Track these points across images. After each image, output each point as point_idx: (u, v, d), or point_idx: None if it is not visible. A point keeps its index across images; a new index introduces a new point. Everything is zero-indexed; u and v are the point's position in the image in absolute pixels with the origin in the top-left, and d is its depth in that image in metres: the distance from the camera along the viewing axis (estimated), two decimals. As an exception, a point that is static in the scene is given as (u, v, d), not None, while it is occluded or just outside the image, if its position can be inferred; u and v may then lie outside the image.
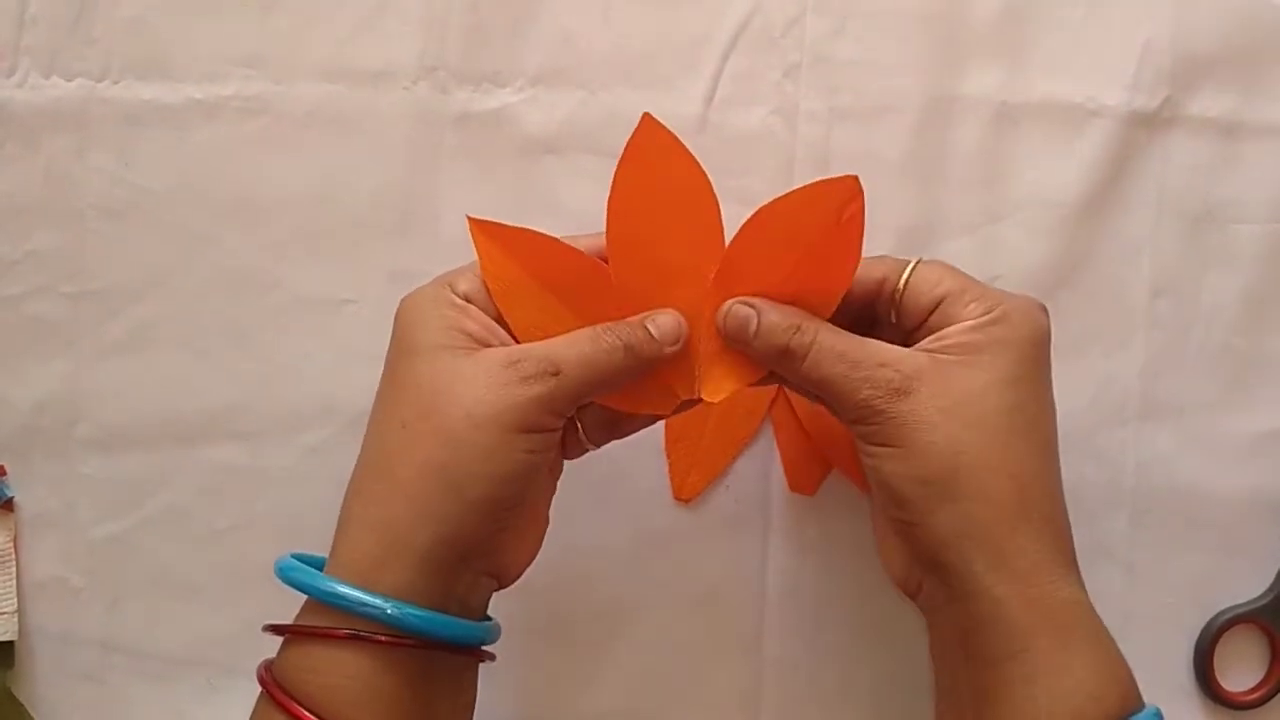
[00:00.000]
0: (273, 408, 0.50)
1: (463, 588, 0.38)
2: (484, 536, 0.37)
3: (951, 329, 0.38)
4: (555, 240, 0.40)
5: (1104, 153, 0.49)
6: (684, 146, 0.39)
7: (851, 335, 0.39)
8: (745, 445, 0.50)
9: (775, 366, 0.39)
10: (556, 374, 0.37)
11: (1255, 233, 0.49)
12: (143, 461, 0.50)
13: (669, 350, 0.39)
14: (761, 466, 0.50)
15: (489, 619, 0.40)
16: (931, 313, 0.39)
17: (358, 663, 0.36)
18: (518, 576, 0.40)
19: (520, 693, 0.49)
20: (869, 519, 0.49)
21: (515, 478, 0.37)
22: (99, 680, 0.50)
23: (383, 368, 0.39)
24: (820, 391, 0.39)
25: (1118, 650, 0.38)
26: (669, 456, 0.49)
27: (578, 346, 0.38)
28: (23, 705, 0.50)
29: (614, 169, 0.40)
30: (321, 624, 0.36)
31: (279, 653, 0.37)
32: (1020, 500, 0.37)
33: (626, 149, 0.39)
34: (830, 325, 0.39)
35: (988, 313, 0.38)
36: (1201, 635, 0.50)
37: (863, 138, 0.49)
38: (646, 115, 0.39)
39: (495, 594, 0.40)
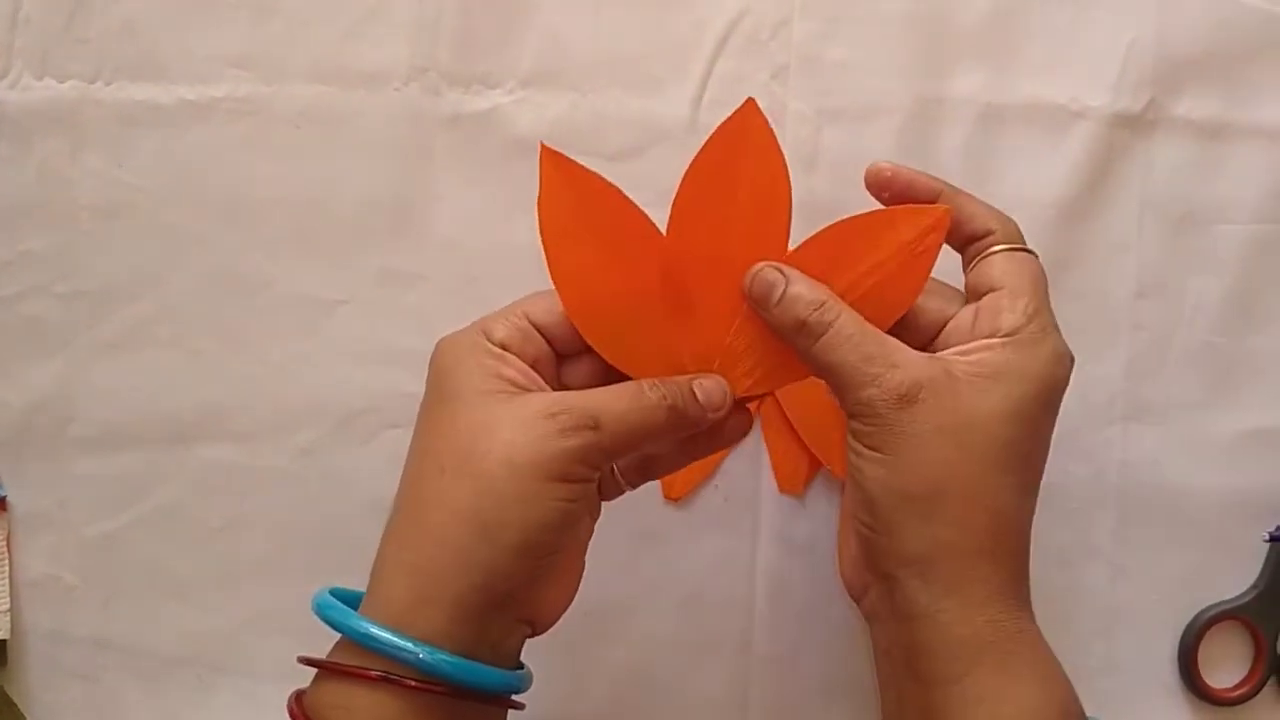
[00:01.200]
0: (265, 407, 0.50)
1: (496, 634, 0.37)
2: (518, 584, 0.36)
3: (975, 344, 0.38)
4: (621, 193, 0.40)
5: (1088, 154, 0.49)
6: (777, 142, 0.39)
7: (873, 328, 0.38)
8: (735, 446, 0.50)
9: (790, 339, 0.39)
10: (596, 429, 0.36)
11: (1238, 233, 0.50)
12: (136, 461, 0.50)
13: (711, 418, 0.39)
14: (751, 466, 0.50)
15: (521, 666, 0.39)
16: (981, 297, 0.39)
17: (386, 704, 0.35)
18: (554, 622, 0.40)
19: (510, 690, 0.50)
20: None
21: (551, 526, 0.36)
22: (92, 679, 0.50)
23: (419, 411, 0.39)
24: (828, 377, 0.38)
25: (1063, 675, 0.38)
26: (658, 456, 0.50)
27: (619, 404, 0.37)
28: (15, 704, 0.50)
29: (702, 143, 0.39)
30: (354, 663, 0.36)
31: (310, 685, 0.37)
32: (994, 534, 0.37)
33: (721, 127, 0.39)
34: (856, 314, 0.38)
35: (1016, 331, 0.38)
36: (1186, 632, 0.50)
37: (850, 138, 0.49)
38: (750, 100, 0.39)
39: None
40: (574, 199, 0.39)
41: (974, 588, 0.37)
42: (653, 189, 0.48)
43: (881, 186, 0.41)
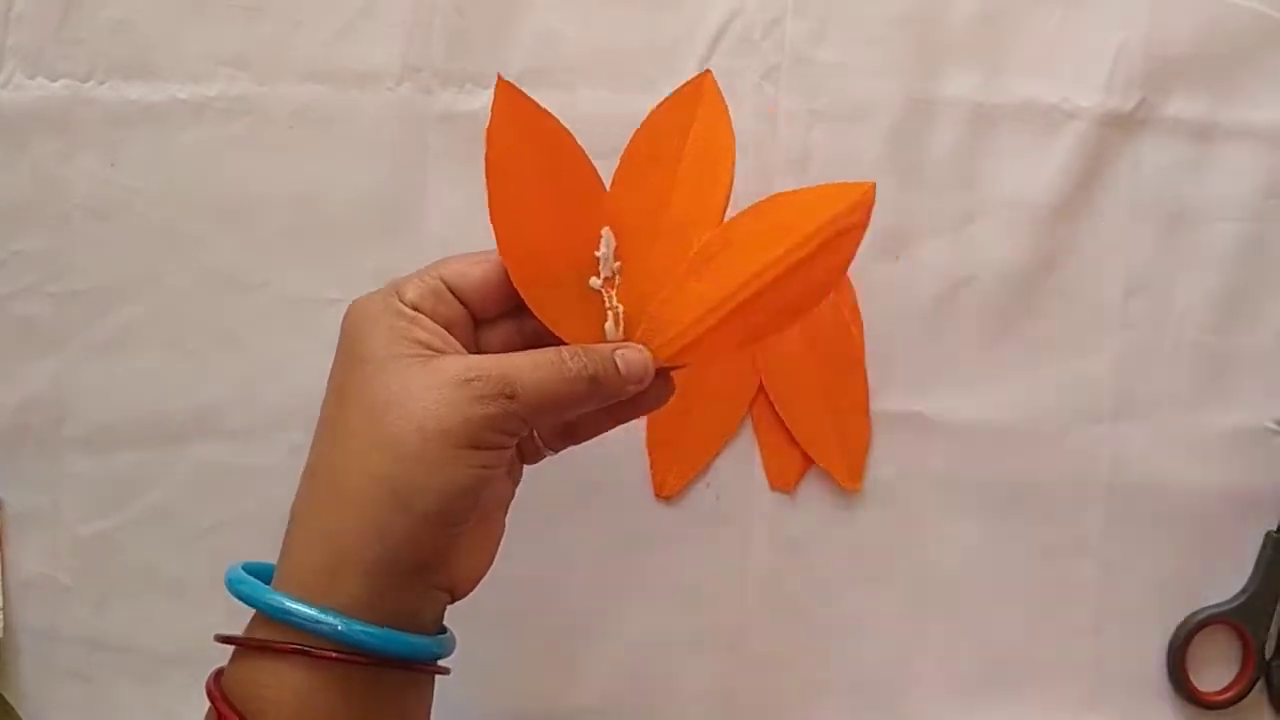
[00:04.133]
0: (259, 406, 0.50)
1: (413, 601, 0.36)
2: (434, 550, 0.36)
3: None
4: (574, 141, 0.39)
5: (1079, 154, 0.49)
6: (728, 114, 0.40)
7: None
8: (726, 443, 0.50)
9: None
10: (512, 397, 0.35)
11: (1227, 232, 0.50)
12: (129, 460, 0.50)
13: (631, 389, 0.38)
14: (743, 464, 0.50)
15: (444, 630, 0.39)
16: None
17: (301, 677, 0.35)
18: (471, 589, 0.39)
19: (502, 689, 0.50)
20: (848, 517, 0.50)
21: (465, 492, 0.35)
22: (85, 678, 0.50)
23: (329, 375, 0.38)
24: None
25: None
26: (650, 454, 0.50)
27: (538, 372, 0.36)
28: (9, 703, 0.50)
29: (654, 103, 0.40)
30: (269, 637, 0.35)
31: (229, 663, 0.37)
32: None
33: (676, 92, 0.40)
34: None
35: None
36: (1175, 635, 0.50)
37: (841, 139, 0.49)
38: (708, 72, 0.40)
39: (476, 591, 0.41)
40: (524, 136, 0.38)
41: None
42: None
43: None
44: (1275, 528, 0.50)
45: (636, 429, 0.50)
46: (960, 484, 0.50)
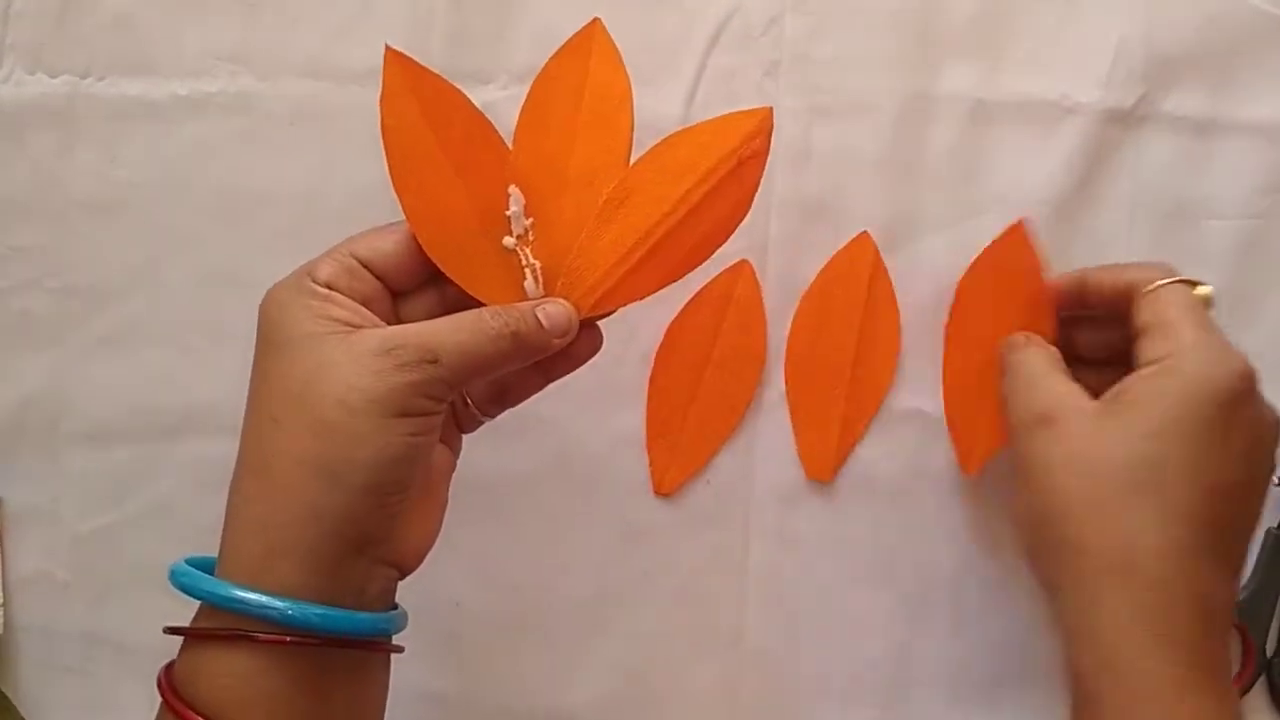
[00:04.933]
0: (257, 403, 0.50)
1: (357, 579, 0.36)
2: (373, 525, 0.35)
3: (1129, 380, 0.39)
4: (468, 101, 0.39)
5: (1079, 150, 0.49)
6: (620, 58, 0.40)
7: (1039, 363, 0.43)
8: (726, 440, 0.50)
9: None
10: (435, 362, 0.35)
11: (1227, 229, 0.50)
12: (128, 456, 0.50)
13: (557, 343, 0.38)
14: (742, 461, 0.50)
15: (394, 607, 0.38)
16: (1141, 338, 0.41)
17: (246, 662, 0.35)
18: (418, 563, 0.39)
19: (502, 685, 0.50)
20: (848, 515, 0.50)
21: (397, 462, 0.35)
22: (84, 674, 0.50)
23: (252, 364, 0.37)
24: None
25: None
26: (649, 451, 0.50)
27: (459, 335, 0.36)
28: (8, 698, 0.50)
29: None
30: (214, 625, 0.35)
31: (179, 655, 0.37)
32: (1124, 558, 0.36)
33: (567, 42, 0.40)
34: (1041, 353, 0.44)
35: (1158, 360, 0.39)
36: None
37: (841, 135, 0.49)
38: (597, 19, 0.40)
39: (476, 588, 0.40)
40: (419, 104, 0.38)
41: (1096, 616, 0.37)
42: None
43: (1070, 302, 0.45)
44: (1276, 525, 0.50)
45: (636, 427, 0.50)
46: (960, 482, 0.50)
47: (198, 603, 0.35)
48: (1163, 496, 0.37)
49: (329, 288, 0.37)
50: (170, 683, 0.36)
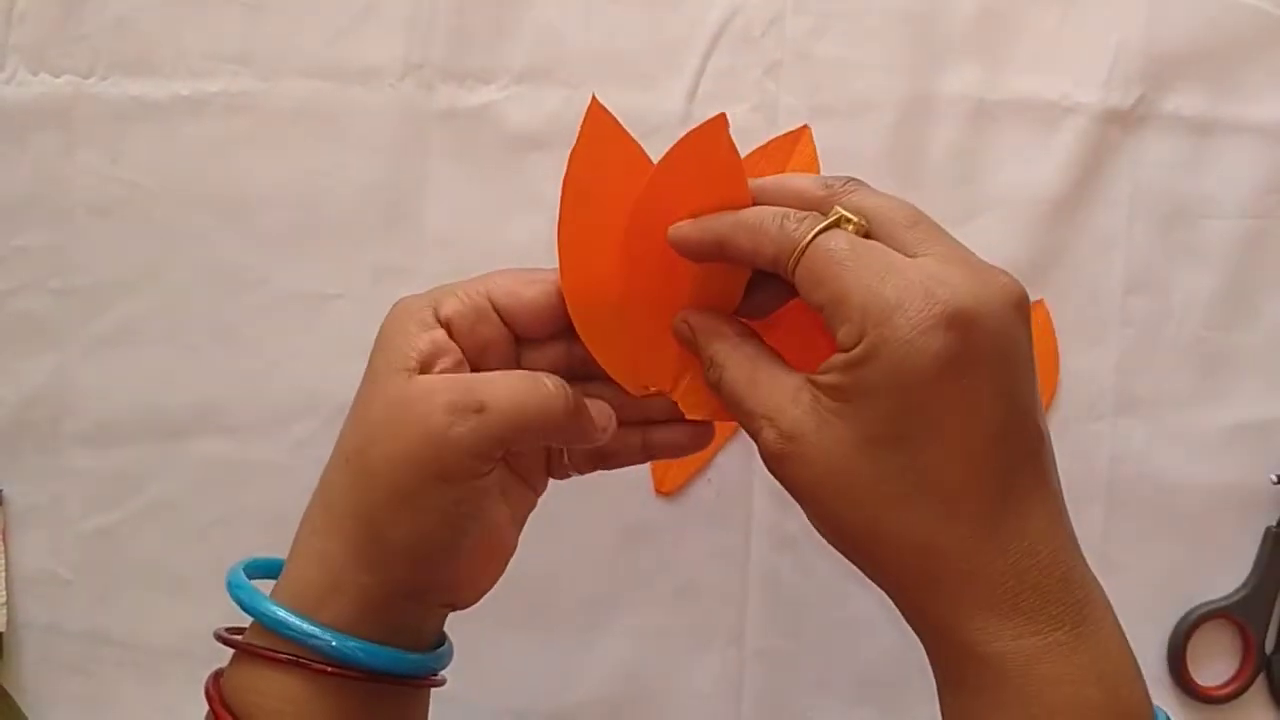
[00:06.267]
0: (259, 402, 0.50)
1: (412, 620, 0.36)
2: (422, 581, 0.35)
3: (829, 363, 0.33)
4: (651, 167, 0.37)
5: (1079, 150, 0.49)
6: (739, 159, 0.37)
7: (757, 367, 0.35)
8: (727, 439, 0.50)
9: None
10: (481, 410, 0.33)
11: (1226, 228, 0.50)
12: (130, 456, 0.50)
13: (599, 438, 0.37)
14: (743, 460, 0.50)
15: (442, 641, 0.38)
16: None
17: (298, 688, 0.35)
18: (476, 601, 0.38)
19: (503, 683, 0.50)
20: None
21: (444, 528, 0.34)
22: (87, 672, 0.51)
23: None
24: None
25: (1056, 702, 0.32)
26: (651, 450, 0.50)
27: (509, 380, 0.35)
28: (12, 697, 0.50)
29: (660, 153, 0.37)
30: (267, 645, 0.35)
31: (229, 666, 0.37)
32: (922, 572, 0.33)
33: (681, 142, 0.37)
34: (741, 358, 0.35)
35: (854, 345, 0.32)
36: (1175, 630, 0.50)
37: (842, 134, 0.49)
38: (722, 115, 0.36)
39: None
40: (608, 164, 0.37)
41: (930, 618, 0.33)
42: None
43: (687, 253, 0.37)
44: (1275, 523, 0.50)
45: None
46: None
47: (198, 603, 0.35)
48: (932, 490, 0.32)
49: (447, 324, 0.36)
50: (220, 694, 0.36)
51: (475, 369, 0.36)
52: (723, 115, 0.36)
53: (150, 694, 0.51)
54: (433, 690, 0.38)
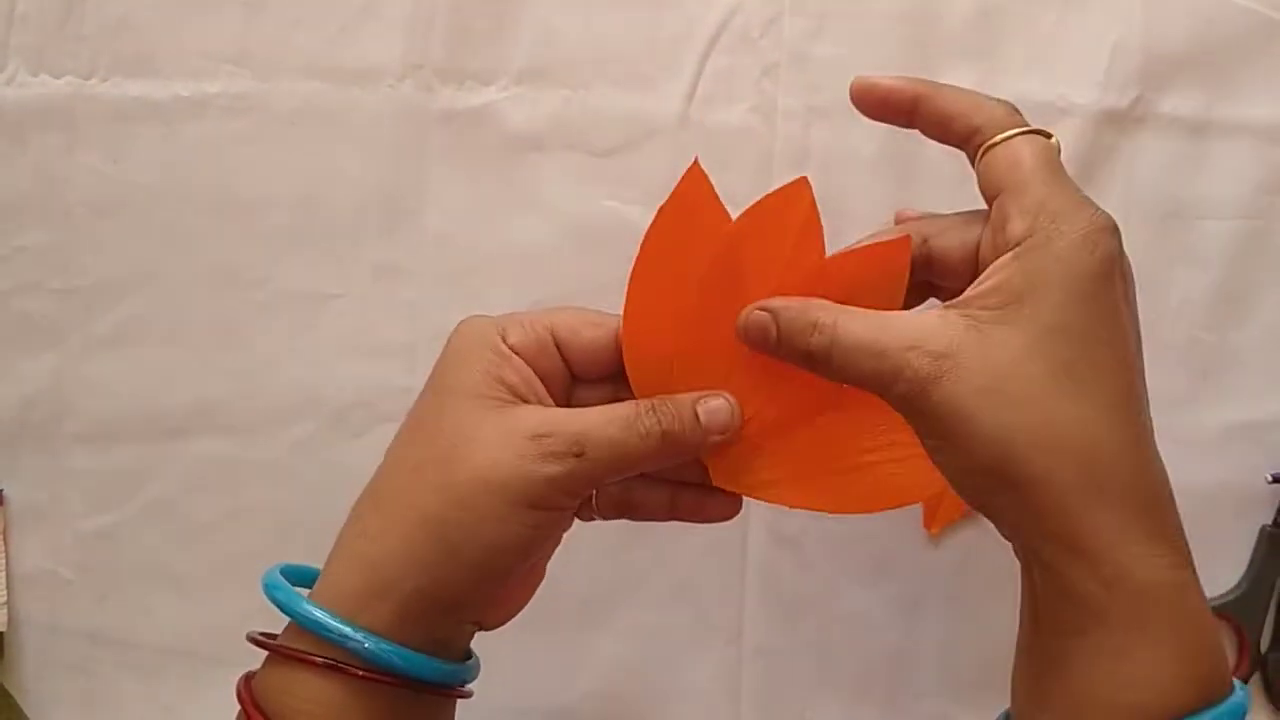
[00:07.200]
0: (259, 402, 0.50)
1: (443, 633, 0.37)
2: (472, 597, 0.36)
3: (989, 270, 0.34)
4: (733, 243, 0.37)
5: (1075, 151, 0.49)
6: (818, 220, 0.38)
7: (876, 316, 0.34)
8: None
9: (810, 371, 0.35)
10: (581, 455, 0.34)
11: (1222, 229, 0.50)
12: (131, 455, 0.50)
13: (714, 440, 0.36)
14: (742, 459, 0.50)
15: (469, 656, 0.39)
16: (990, 205, 0.35)
17: (331, 691, 0.35)
18: (503, 624, 0.39)
19: (501, 681, 0.50)
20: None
21: (516, 549, 0.35)
22: (87, 672, 0.51)
23: (422, 390, 0.37)
24: (864, 390, 0.34)
25: (1204, 638, 0.33)
26: (650, 449, 0.50)
27: (610, 429, 0.35)
28: (12, 696, 0.50)
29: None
30: (302, 647, 0.35)
31: (261, 667, 0.37)
32: (1089, 477, 0.32)
33: (766, 202, 0.37)
34: (854, 312, 0.35)
35: (1026, 236, 0.33)
36: None
37: (840, 135, 0.49)
38: (803, 179, 0.37)
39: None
40: (695, 226, 0.37)
41: (1089, 540, 0.32)
42: (644, 185, 0.49)
43: (862, 100, 0.39)
44: (1270, 522, 0.50)
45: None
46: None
47: (198, 602, 0.35)
48: (1103, 392, 0.32)
49: (515, 352, 0.37)
50: (251, 695, 0.36)
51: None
52: (804, 179, 0.37)
53: (150, 693, 0.51)
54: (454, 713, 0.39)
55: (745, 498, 0.39)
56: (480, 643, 0.40)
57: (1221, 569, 0.51)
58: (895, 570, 0.50)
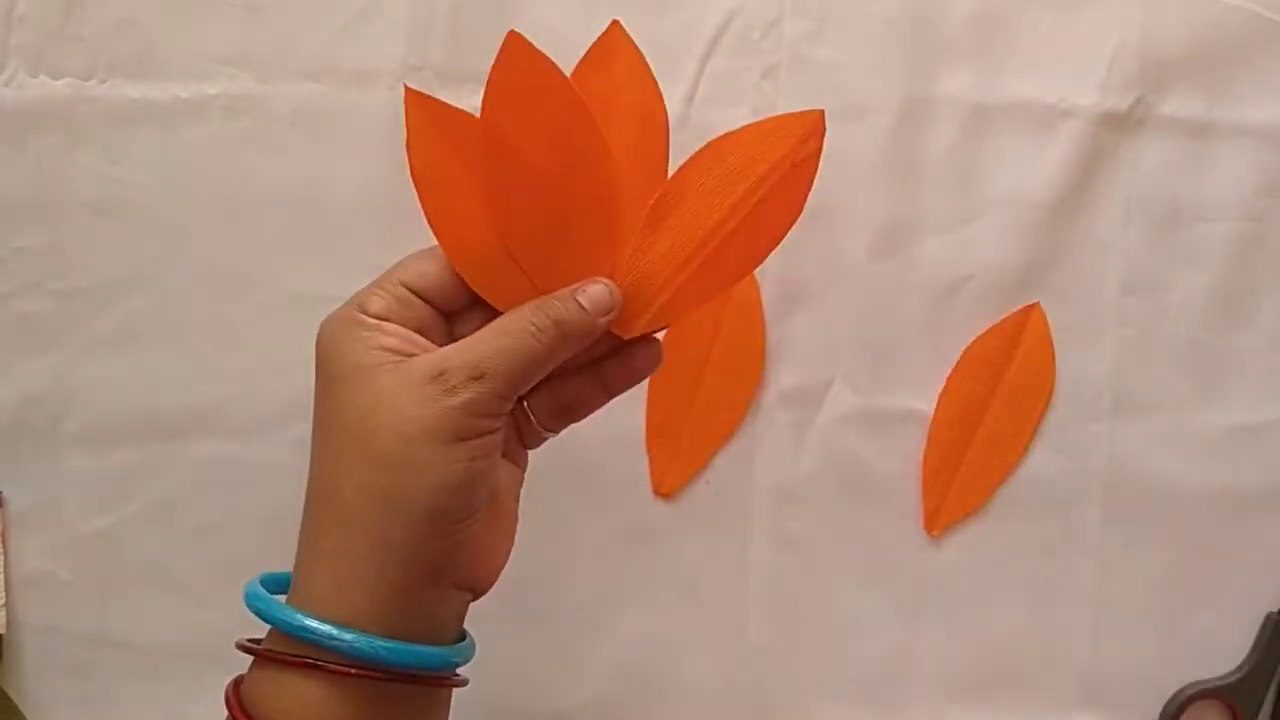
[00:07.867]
0: (258, 403, 0.50)
1: (431, 606, 0.36)
2: (442, 553, 0.36)
3: None
4: (483, 110, 0.38)
5: (1075, 153, 0.49)
6: (648, 65, 0.39)
7: None
8: (725, 440, 0.50)
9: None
10: (481, 378, 0.35)
11: (1223, 231, 0.50)
12: (130, 457, 0.50)
13: (602, 322, 0.37)
14: (742, 461, 0.50)
15: (464, 636, 0.39)
16: None
17: (316, 691, 0.35)
18: (492, 583, 0.39)
19: (503, 684, 0.50)
20: (847, 514, 0.50)
21: (460, 487, 0.35)
22: (86, 674, 0.51)
23: (314, 399, 0.37)
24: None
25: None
26: (649, 451, 0.50)
27: (501, 340, 0.36)
28: (11, 699, 0.50)
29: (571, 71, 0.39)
30: (285, 650, 0.36)
31: (248, 671, 0.37)
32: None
33: (588, 55, 0.39)
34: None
35: None
36: (1166, 708, 0.50)
37: (839, 138, 0.48)
38: (615, 22, 0.39)
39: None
40: (444, 141, 0.38)
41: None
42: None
43: None
44: (1276, 611, 0.50)
45: (636, 427, 0.50)
46: (958, 481, 0.50)
47: (198, 603, 0.35)
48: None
49: (381, 319, 0.37)
50: (239, 701, 0.36)
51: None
52: (511, 32, 0.38)
53: (149, 695, 0.51)
54: (450, 704, 0.39)
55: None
56: (481, 643, 0.40)
57: (1222, 568, 0.51)
58: (895, 570, 0.50)
